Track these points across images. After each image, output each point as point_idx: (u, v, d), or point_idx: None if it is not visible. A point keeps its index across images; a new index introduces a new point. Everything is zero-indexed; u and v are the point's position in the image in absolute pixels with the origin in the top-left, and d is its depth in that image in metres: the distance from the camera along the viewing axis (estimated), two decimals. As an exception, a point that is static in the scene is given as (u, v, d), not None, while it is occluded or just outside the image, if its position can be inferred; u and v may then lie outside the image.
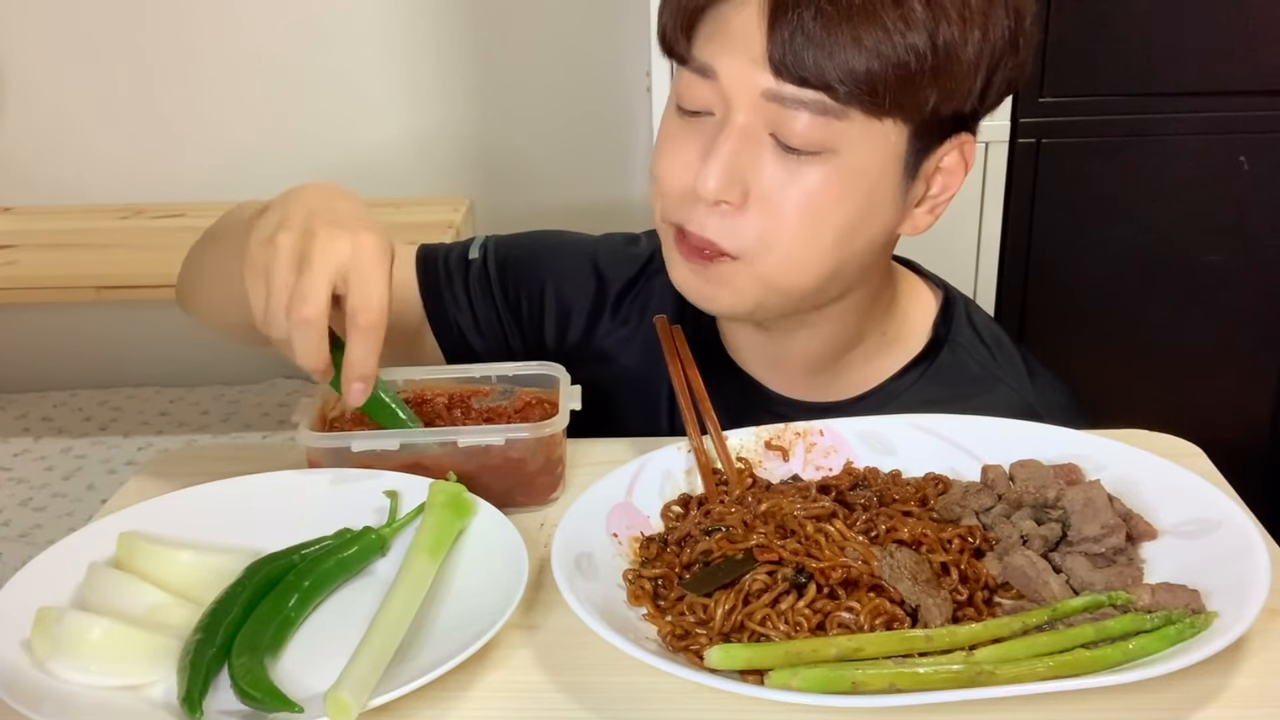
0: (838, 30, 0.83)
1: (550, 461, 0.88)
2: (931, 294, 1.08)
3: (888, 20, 0.83)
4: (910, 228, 0.95)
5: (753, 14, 0.86)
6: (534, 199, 2.32)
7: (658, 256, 1.06)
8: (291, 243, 0.80)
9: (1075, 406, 1.06)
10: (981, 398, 1.02)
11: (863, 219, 0.90)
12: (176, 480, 0.89)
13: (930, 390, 1.03)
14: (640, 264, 1.11)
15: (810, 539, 0.75)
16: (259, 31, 2.26)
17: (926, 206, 0.94)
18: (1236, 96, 1.89)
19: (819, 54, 0.83)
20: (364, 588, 0.79)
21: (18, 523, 1.93)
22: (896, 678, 0.65)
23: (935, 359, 1.04)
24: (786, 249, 0.89)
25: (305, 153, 2.31)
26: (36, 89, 2.30)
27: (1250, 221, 1.96)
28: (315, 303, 0.79)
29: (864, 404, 1.03)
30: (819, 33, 0.83)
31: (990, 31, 0.86)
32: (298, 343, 0.80)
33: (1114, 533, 0.77)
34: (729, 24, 0.87)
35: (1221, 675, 0.67)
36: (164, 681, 0.70)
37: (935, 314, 1.06)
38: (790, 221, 0.88)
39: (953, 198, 0.95)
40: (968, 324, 1.06)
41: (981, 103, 0.90)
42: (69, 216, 2.26)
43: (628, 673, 0.69)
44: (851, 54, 0.83)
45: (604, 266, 1.12)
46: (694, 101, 0.90)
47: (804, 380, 1.04)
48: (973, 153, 0.93)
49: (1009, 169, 1.93)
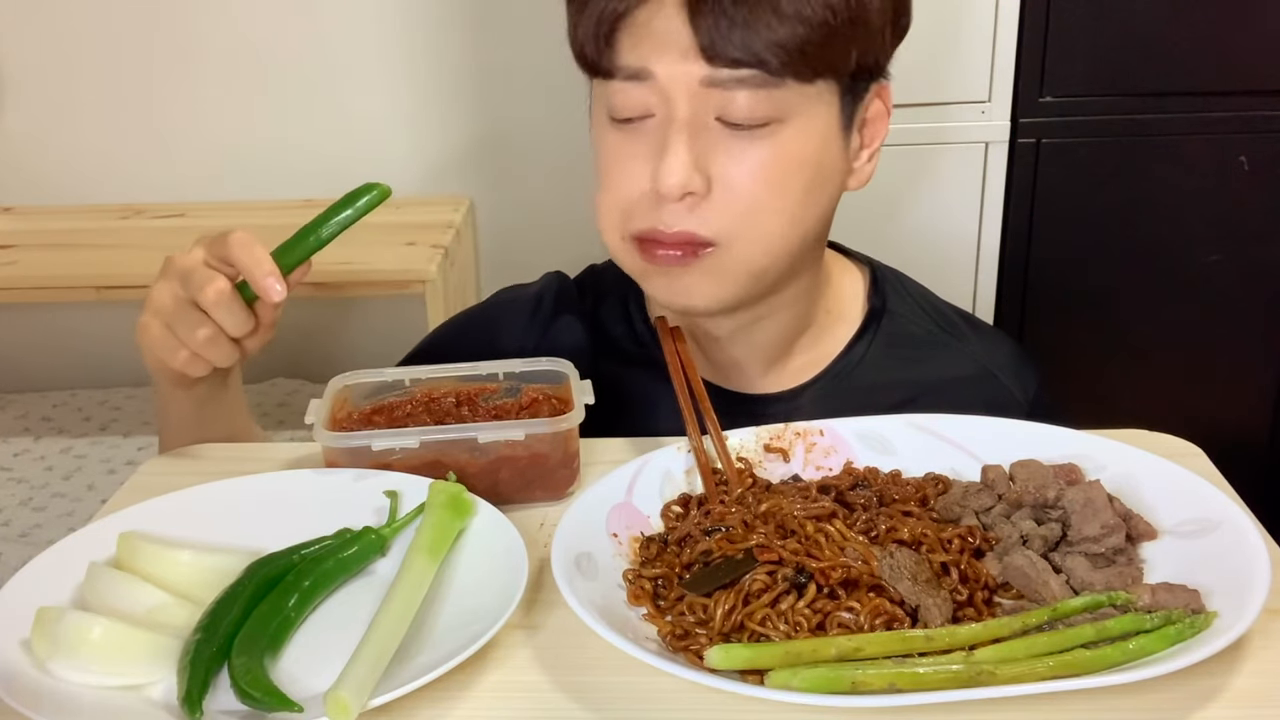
0: (757, 7, 0.86)
1: (568, 455, 0.89)
2: (857, 269, 1.12)
3: None
4: (855, 181, 1.00)
5: (672, 11, 0.89)
6: (534, 199, 2.31)
7: (548, 297, 1.13)
8: (158, 286, 0.92)
9: (1021, 355, 1.12)
10: (935, 360, 1.07)
11: (820, 179, 0.94)
12: (176, 480, 0.89)
13: (883, 358, 1.07)
14: (527, 315, 1.14)
15: (810, 539, 0.75)
16: (259, 31, 2.25)
17: (865, 156, 0.99)
18: (1236, 96, 1.89)
19: (745, 33, 0.87)
20: (364, 588, 0.79)
21: (18, 523, 1.93)
22: (896, 678, 0.65)
23: (878, 328, 1.08)
24: (759, 222, 0.92)
25: (305, 153, 2.30)
26: (36, 89, 2.30)
27: (1250, 221, 1.96)
28: (213, 282, 0.88)
29: (822, 382, 1.06)
30: (740, 13, 0.86)
31: None
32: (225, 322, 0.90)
33: (1114, 533, 0.77)
34: (650, 26, 0.90)
35: (1221, 675, 0.67)
36: (164, 681, 0.70)
37: (866, 287, 1.10)
38: (758, 195, 0.91)
39: (883, 143, 1.00)
40: (902, 293, 1.11)
41: (893, 46, 0.96)
42: (69, 216, 2.25)
43: (628, 673, 0.69)
44: (775, 25, 0.87)
45: (494, 336, 1.13)
46: (631, 108, 0.92)
47: (761, 373, 1.07)
48: (889, 97, 0.99)
49: (1009, 169, 1.93)
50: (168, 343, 0.92)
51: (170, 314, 0.91)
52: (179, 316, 0.91)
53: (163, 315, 0.91)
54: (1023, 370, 1.08)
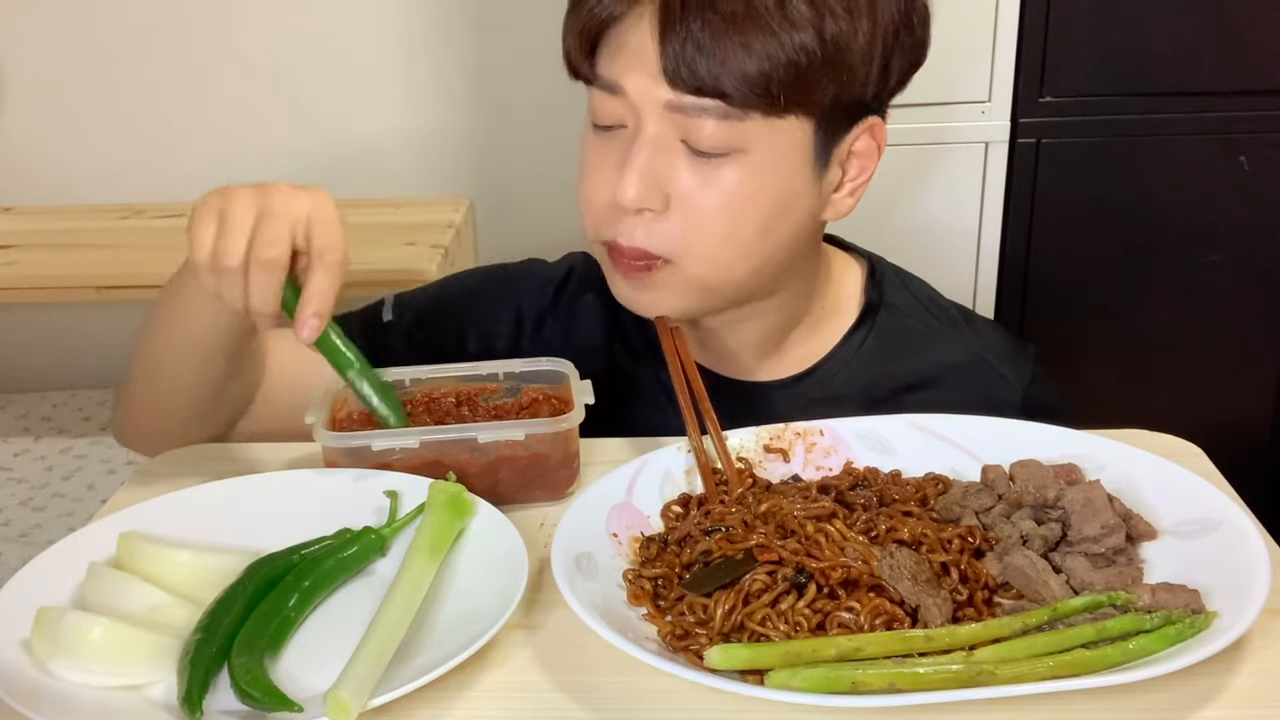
0: (725, 38, 0.85)
1: (568, 455, 0.89)
2: (857, 264, 1.12)
3: (773, 23, 0.85)
4: (832, 213, 0.98)
5: (646, 29, 0.89)
6: (534, 199, 2.31)
7: (575, 276, 1.13)
8: (248, 194, 0.83)
9: (1016, 343, 1.12)
10: (931, 351, 1.07)
11: (780, 211, 0.93)
12: (176, 480, 0.89)
13: (879, 349, 1.07)
14: (554, 287, 1.14)
15: (810, 539, 0.75)
16: (259, 31, 2.25)
17: (845, 190, 0.98)
18: (1236, 96, 1.89)
19: (711, 62, 0.86)
20: (364, 588, 0.79)
21: (18, 523, 1.93)
22: (896, 678, 0.65)
23: (874, 321, 1.08)
24: (711, 247, 0.93)
25: (305, 152, 2.30)
26: (36, 89, 2.29)
27: (1250, 221, 1.96)
28: (280, 247, 0.82)
29: (817, 374, 1.07)
30: (708, 42, 0.86)
31: (880, 17, 0.89)
32: (256, 284, 0.82)
33: (1114, 533, 0.77)
34: (627, 41, 0.90)
35: (1221, 675, 0.67)
36: (164, 681, 0.70)
37: (864, 281, 1.10)
38: (711, 221, 0.91)
39: (870, 178, 0.98)
40: (900, 287, 1.11)
41: (884, 85, 0.93)
42: (69, 216, 2.25)
43: (628, 673, 0.69)
44: (742, 59, 0.85)
45: (518, 298, 1.14)
46: (606, 117, 0.93)
47: (754, 364, 1.07)
48: (883, 134, 0.96)
49: (1009, 169, 1.92)
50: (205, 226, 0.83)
51: (225, 214, 0.82)
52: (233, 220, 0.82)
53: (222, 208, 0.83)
54: (1018, 358, 1.09)
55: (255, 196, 0.83)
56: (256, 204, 0.83)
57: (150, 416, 1.02)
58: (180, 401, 0.98)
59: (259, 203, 0.83)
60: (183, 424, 1.00)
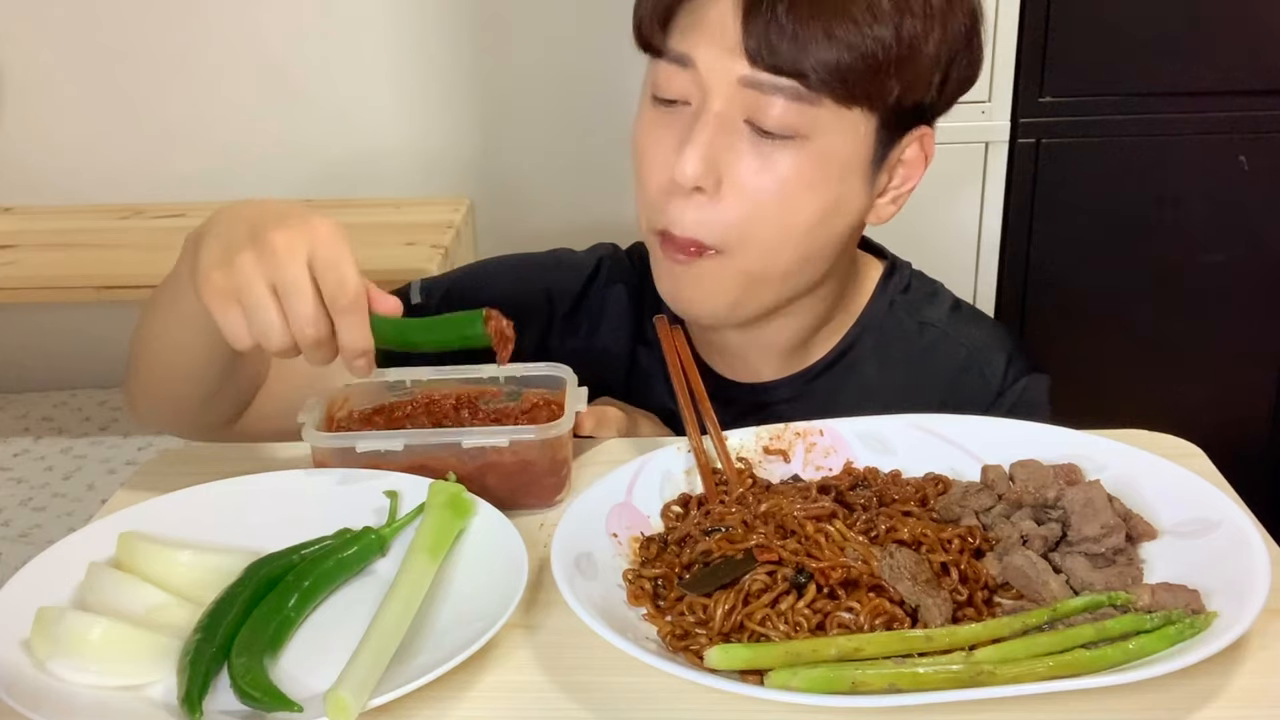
0: (809, 23, 0.87)
1: (556, 463, 0.88)
2: (878, 264, 1.13)
3: (856, 13, 0.88)
4: (875, 217, 1.00)
5: (728, 7, 0.90)
6: (534, 199, 2.31)
7: (605, 266, 1.13)
8: (250, 258, 0.78)
9: (1003, 333, 1.12)
10: (927, 349, 1.08)
11: (834, 206, 0.94)
12: (176, 480, 0.89)
13: (876, 347, 1.08)
14: (585, 276, 1.14)
15: (810, 539, 0.75)
16: (259, 31, 2.26)
17: (889, 197, 0.99)
18: (1236, 96, 1.89)
19: (792, 46, 0.88)
20: (364, 588, 0.79)
21: (18, 523, 1.93)
22: (896, 678, 0.65)
23: (877, 320, 1.09)
24: (762, 234, 0.93)
25: (306, 152, 2.30)
26: (36, 89, 2.30)
27: (1250, 221, 1.96)
28: (318, 323, 0.78)
29: (816, 369, 1.07)
30: (792, 26, 0.87)
31: (949, 29, 0.92)
32: (313, 359, 0.80)
33: (1114, 533, 0.77)
34: (705, 16, 0.91)
35: (1221, 675, 0.67)
36: (164, 681, 0.70)
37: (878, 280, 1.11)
38: (765, 206, 0.92)
39: (913, 189, 1.00)
40: (905, 284, 1.11)
41: (940, 97, 0.95)
42: (69, 216, 2.25)
43: (628, 673, 0.69)
44: (823, 46, 0.87)
45: (549, 282, 1.14)
46: (671, 91, 0.93)
47: (774, 363, 1.08)
48: (932, 146, 0.99)
49: (1009, 169, 1.93)
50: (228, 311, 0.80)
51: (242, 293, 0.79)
52: (254, 297, 0.78)
53: (236, 288, 0.79)
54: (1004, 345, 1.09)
55: (258, 264, 0.78)
56: (264, 275, 0.78)
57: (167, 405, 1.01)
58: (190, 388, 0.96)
59: (268, 275, 0.78)
60: (199, 406, 0.97)
